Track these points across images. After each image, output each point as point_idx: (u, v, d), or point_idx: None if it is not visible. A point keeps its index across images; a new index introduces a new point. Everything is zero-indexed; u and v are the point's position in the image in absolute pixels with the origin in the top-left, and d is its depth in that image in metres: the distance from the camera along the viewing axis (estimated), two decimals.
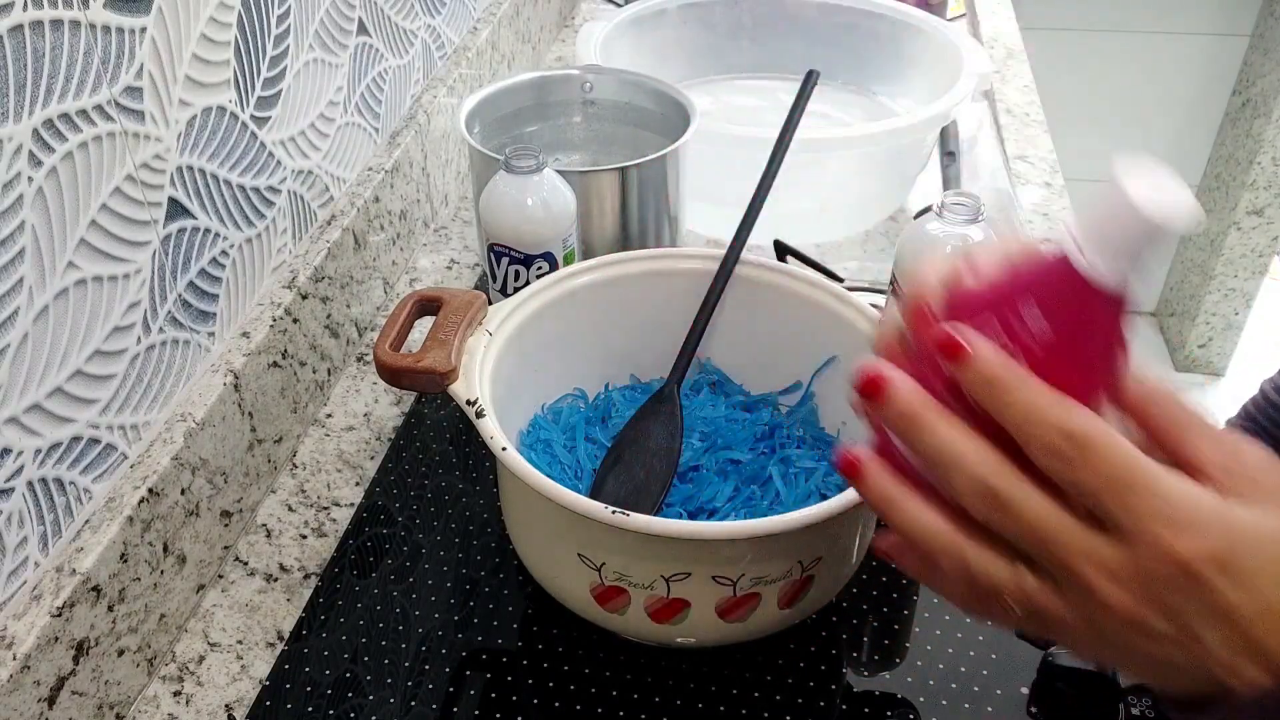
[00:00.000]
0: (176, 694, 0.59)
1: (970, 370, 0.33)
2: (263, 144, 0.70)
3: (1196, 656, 0.32)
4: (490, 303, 0.62)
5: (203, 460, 0.63)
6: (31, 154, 0.49)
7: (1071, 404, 0.32)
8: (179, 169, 0.61)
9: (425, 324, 0.62)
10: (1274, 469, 0.33)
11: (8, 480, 0.50)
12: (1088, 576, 0.32)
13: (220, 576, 0.66)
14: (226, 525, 0.66)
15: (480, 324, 0.61)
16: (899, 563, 0.38)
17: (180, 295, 0.63)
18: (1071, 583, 0.32)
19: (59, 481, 0.54)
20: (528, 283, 0.72)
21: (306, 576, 0.66)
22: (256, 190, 0.70)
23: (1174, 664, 0.32)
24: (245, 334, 0.69)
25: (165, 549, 0.60)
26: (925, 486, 0.36)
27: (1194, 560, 0.30)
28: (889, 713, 0.57)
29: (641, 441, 0.63)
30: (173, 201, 0.61)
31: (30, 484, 0.52)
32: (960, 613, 0.62)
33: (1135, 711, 0.56)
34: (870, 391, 0.35)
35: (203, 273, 0.65)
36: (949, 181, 1.01)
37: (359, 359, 0.83)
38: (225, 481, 0.66)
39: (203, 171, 0.63)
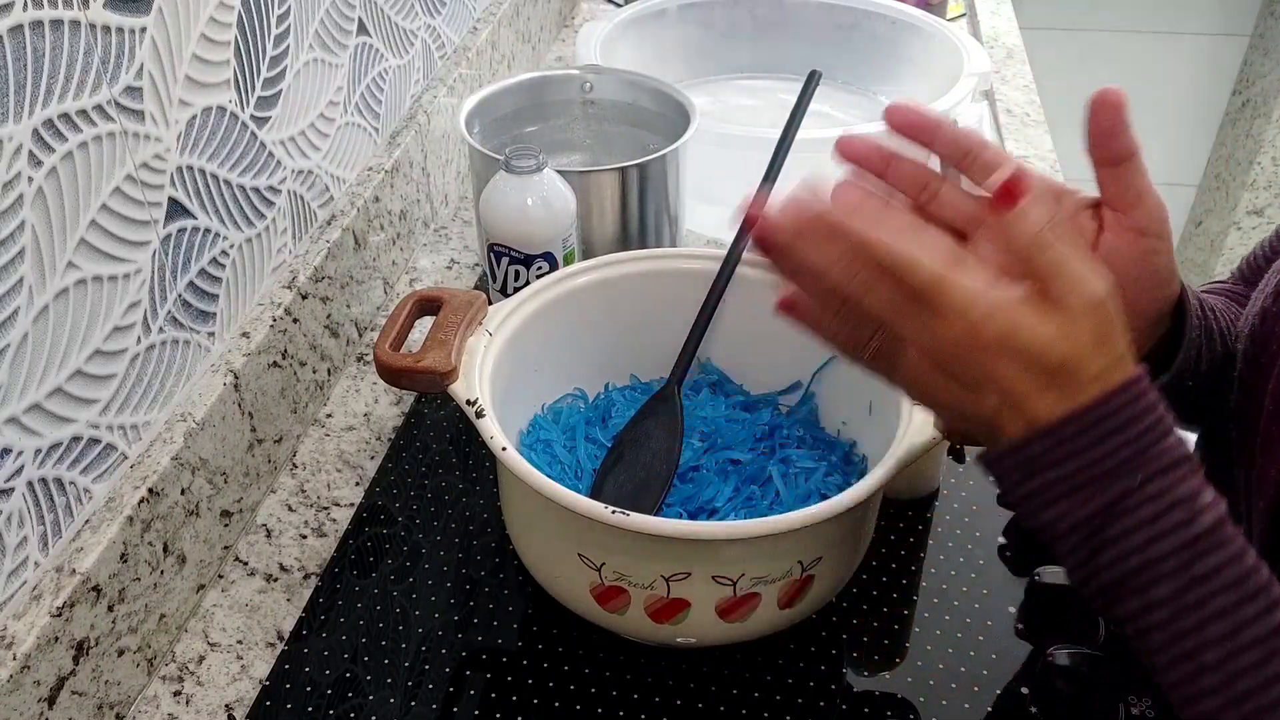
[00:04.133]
0: (176, 694, 0.59)
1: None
2: (263, 144, 0.70)
3: (981, 408, 0.41)
4: (490, 303, 0.62)
5: (203, 460, 0.63)
6: (31, 154, 0.49)
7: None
8: (179, 169, 0.61)
9: (425, 324, 0.62)
10: (1089, 294, 0.40)
11: (8, 480, 0.50)
12: (905, 331, 0.41)
13: (220, 576, 0.66)
14: (226, 525, 0.66)
15: (480, 324, 0.61)
16: (795, 314, 0.45)
17: (180, 295, 0.63)
18: (900, 337, 0.42)
19: (59, 481, 0.54)
20: (528, 283, 0.72)
21: (306, 576, 0.66)
22: (256, 190, 0.70)
23: (965, 412, 0.42)
24: (245, 334, 0.69)
25: (165, 549, 0.60)
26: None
27: (964, 337, 0.39)
28: (889, 713, 0.57)
29: (641, 441, 0.63)
30: (173, 201, 0.61)
31: (30, 484, 0.52)
32: (959, 613, 0.62)
33: (1135, 711, 0.56)
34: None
35: (203, 273, 0.65)
36: None
37: (359, 359, 0.83)
38: (225, 481, 0.66)
39: (203, 171, 0.63)
